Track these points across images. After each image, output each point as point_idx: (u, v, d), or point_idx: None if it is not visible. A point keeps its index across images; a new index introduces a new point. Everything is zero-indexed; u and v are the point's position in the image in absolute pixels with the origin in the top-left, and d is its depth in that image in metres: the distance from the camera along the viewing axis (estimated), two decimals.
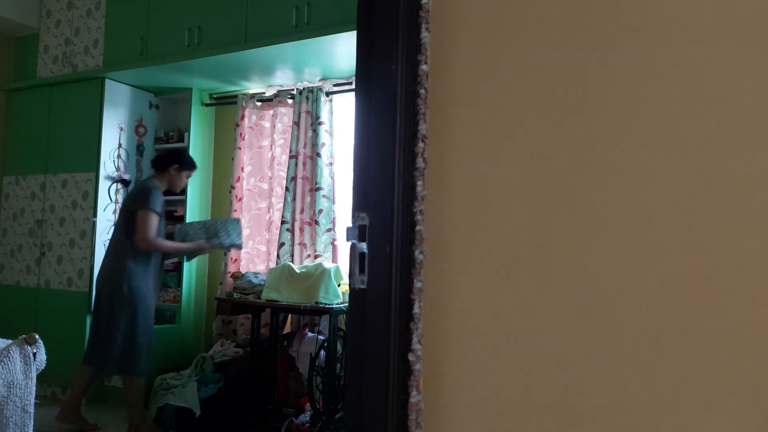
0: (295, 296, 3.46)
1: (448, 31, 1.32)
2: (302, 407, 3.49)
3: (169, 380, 3.56)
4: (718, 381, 1.04)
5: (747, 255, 1.03)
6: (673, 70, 1.11)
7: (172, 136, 4.47)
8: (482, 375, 1.22)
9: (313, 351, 3.38)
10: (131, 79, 4.25)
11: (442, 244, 1.28)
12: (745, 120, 1.06)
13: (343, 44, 3.37)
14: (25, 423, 2.34)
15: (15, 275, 4.45)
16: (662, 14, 1.13)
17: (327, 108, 3.88)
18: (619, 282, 1.12)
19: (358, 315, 1.29)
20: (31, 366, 2.38)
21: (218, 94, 4.42)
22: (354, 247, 1.29)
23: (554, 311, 1.17)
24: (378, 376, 1.24)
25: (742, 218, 1.04)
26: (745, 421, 1.02)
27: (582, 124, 1.18)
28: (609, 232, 1.14)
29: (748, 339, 1.02)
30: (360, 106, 1.34)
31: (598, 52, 1.17)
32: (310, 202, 3.86)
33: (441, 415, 1.26)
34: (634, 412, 1.09)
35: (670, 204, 1.09)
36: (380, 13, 1.32)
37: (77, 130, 4.27)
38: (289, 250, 3.86)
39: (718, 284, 1.05)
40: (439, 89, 1.31)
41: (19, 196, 4.50)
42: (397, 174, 1.26)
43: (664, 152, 1.11)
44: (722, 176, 1.06)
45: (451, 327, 1.26)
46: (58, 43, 4.47)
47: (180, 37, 3.87)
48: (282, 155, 4.11)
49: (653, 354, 1.09)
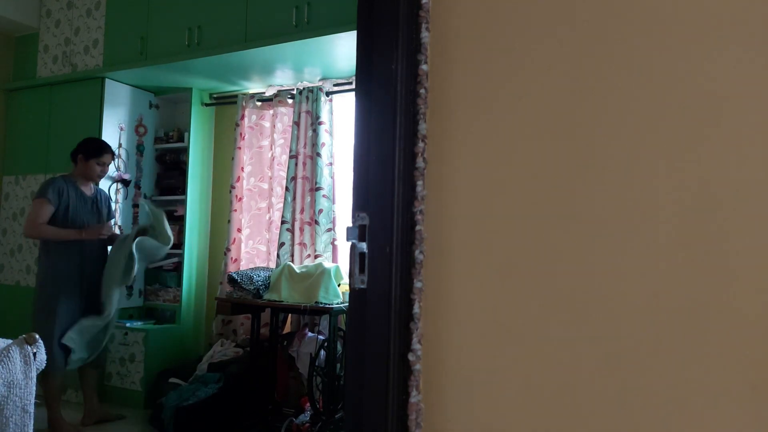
0: (295, 296, 3.46)
1: (448, 31, 1.32)
2: (302, 407, 3.49)
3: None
4: (718, 381, 1.04)
5: (747, 255, 1.03)
6: (674, 70, 1.11)
7: (172, 136, 4.47)
8: (482, 375, 1.22)
9: (313, 351, 3.37)
10: (131, 78, 4.25)
11: (442, 244, 1.28)
12: (744, 121, 1.05)
13: (343, 44, 3.37)
14: (25, 423, 2.34)
15: (15, 275, 4.45)
16: (663, 14, 1.13)
17: (327, 108, 3.88)
18: (618, 282, 1.12)
19: (358, 315, 1.29)
20: (31, 366, 2.37)
21: (218, 94, 4.42)
22: (354, 246, 1.29)
23: (554, 311, 1.17)
24: (378, 376, 1.24)
25: (743, 218, 1.04)
26: (745, 421, 1.02)
27: (583, 124, 1.18)
28: (609, 232, 1.14)
29: (748, 339, 1.02)
30: (360, 105, 1.34)
31: (598, 51, 1.17)
32: (310, 201, 3.86)
33: (441, 415, 1.26)
34: (634, 411, 1.09)
35: (670, 204, 1.09)
36: (380, 13, 1.32)
37: (77, 130, 4.26)
38: (289, 250, 3.86)
39: (718, 284, 1.05)
40: (439, 89, 1.31)
41: (19, 196, 4.50)
42: (397, 174, 1.26)
43: (664, 153, 1.10)
44: (722, 177, 1.06)
45: (451, 327, 1.26)
46: (58, 43, 4.47)
47: (180, 37, 3.87)
48: (282, 155, 4.11)
49: (653, 354, 1.08)
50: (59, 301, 3.28)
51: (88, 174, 3.43)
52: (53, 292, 3.29)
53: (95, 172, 3.44)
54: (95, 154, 3.43)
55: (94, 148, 3.45)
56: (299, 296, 3.45)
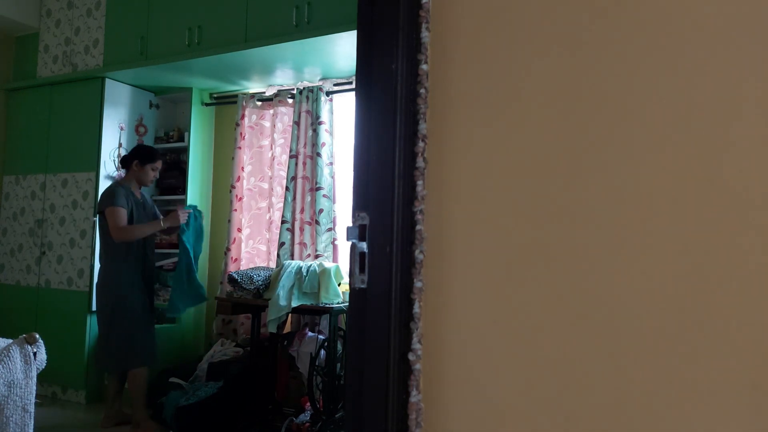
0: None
1: (448, 30, 1.32)
2: (302, 407, 3.49)
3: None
4: (718, 381, 1.04)
5: (747, 255, 1.03)
6: (675, 69, 1.11)
7: (173, 136, 4.47)
8: (482, 374, 1.22)
9: (314, 350, 3.37)
10: (131, 78, 4.25)
11: (442, 243, 1.28)
12: (744, 120, 1.05)
13: (343, 44, 3.37)
14: (26, 422, 2.34)
15: (15, 275, 4.45)
16: (663, 13, 1.13)
17: (327, 107, 3.88)
18: (618, 282, 1.12)
19: (359, 314, 1.29)
20: (32, 365, 2.38)
21: (218, 94, 4.42)
22: (354, 246, 1.29)
23: (554, 311, 1.17)
24: (378, 376, 1.24)
25: (743, 218, 1.04)
26: (745, 421, 1.02)
27: (583, 123, 1.18)
28: (609, 231, 1.14)
29: (748, 339, 1.02)
30: (360, 105, 1.34)
31: (598, 50, 1.17)
32: (311, 201, 3.86)
33: (441, 414, 1.26)
34: (634, 411, 1.09)
35: (671, 204, 1.09)
36: (380, 12, 1.32)
37: (77, 130, 4.27)
38: (290, 250, 3.86)
39: (718, 284, 1.05)
40: (439, 89, 1.31)
41: (19, 195, 4.50)
42: (397, 173, 1.26)
43: (665, 152, 1.11)
44: (722, 176, 1.06)
45: (451, 326, 1.26)
46: (58, 43, 4.47)
47: (180, 37, 3.87)
48: (282, 155, 4.11)
49: (653, 354, 1.09)
50: (133, 301, 3.43)
51: (142, 178, 3.60)
52: (126, 292, 3.43)
53: (149, 176, 3.62)
54: (150, 160, 3.60)
55: (149, 153, 3.62)
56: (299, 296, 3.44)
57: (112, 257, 3.47)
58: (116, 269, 3.45)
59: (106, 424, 3.51)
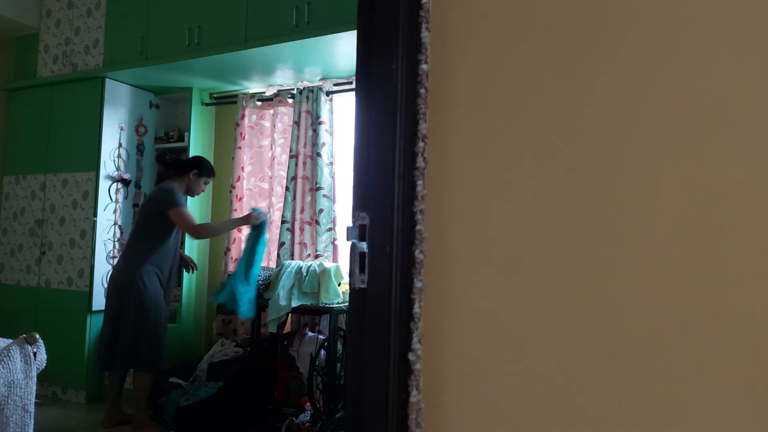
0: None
1: (448, 30, 1.32)
2: (302, 407, 3.49)
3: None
4: (718, 381, 1.04)
5: (747, 255, 1.03)
6: (677, 70, 1.11)
7: (173, 136, 4.47)
8: (482, 375, 1.22)
9: (314, 350, 3.37)
10: (131, 78, 4.25)
11: (442, 243, 1.28)
12: (744, 121, 1.05)
13: (343, 44, 3.37)
14: (26, 422, 2.34)
15: (15, 275, 4.45)
16: (664, 14, 1.13)
17: (327, 107, 3.88)
18: (619, 282, 1.12)
19: (359, 314, 1.29)
20: (32, 365, 2.38)
21: (218, 94, 4.42)
22: (354, 246, 1.29)
23: (555, 311, 1.17)
24: (378, 376, 1.24)
25: (744, 218, 1.04)
26: (745, 421, 1.02)
27: (583, 123, 1.18)
28: (610, 231, 1.14)
29: (748, 338, 1.02)
30: (360, 105, 1.34)
31: (599, 50, 1.17)
32: (311, 201, 3.86)
33: (441, 415, 1.26)
34: (634, 411, 1.09)
35: (671, 203, 1.09)
36: (380, 12, 1.32)
37: (77, 130, 4.27)
38: (290, 250, 3.86)
39: (718, 284, 1.05)
40: (439, 89, 1.31)
41: (20, 195, 4.50)
42: (397, 173, 1.26)
43: (666, 152, 1.11)
44: (723, 177, 1.06)
45: (451, 327, 1.26)
46: (58, 43, 4.47)
47: (180, 37, 3.87)
48: (282, 155, 4.11)
49: (653, 354, 1.08)
50: (159, 306, 3.43)
51: (193, 188, 3.65)
52: (156, 295, 3.42)
53: (200, 189, 3.69)
54: (208, 174, 3.69)
55: (209, 169, 3.70)
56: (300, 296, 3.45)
57: (150, 259, 3.42)
58: (149, 270, 3.41)
59: (106, 424, 3.50)
